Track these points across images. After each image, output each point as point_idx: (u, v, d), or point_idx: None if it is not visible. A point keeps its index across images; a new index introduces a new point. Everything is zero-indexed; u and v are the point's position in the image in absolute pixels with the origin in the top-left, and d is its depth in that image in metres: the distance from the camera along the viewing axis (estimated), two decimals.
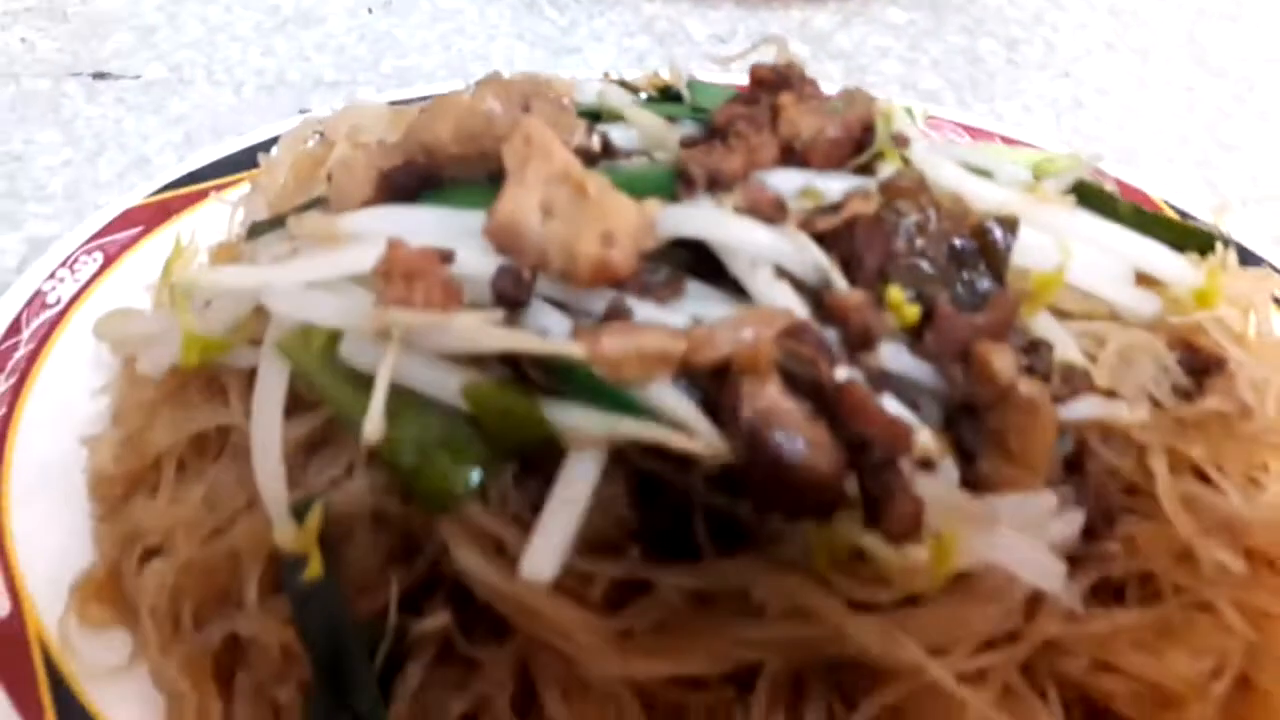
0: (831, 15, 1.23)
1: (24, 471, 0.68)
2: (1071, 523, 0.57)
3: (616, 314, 0.54)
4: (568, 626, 0.52)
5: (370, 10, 1.22)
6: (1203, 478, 0.63)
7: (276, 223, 0.69)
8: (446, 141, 0.62)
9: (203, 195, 0.85)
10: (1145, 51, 1.22)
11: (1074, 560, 0.58)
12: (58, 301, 0.77)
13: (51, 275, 0.79)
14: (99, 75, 1.11)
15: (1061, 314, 0.67)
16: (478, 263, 0.56)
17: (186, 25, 1.19)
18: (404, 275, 0.54)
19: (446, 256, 0.56)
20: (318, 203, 0.70)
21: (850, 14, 1.24)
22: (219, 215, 0.81)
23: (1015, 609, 0.55)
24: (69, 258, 0.80)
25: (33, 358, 0.74)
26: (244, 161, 0.86)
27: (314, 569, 0.51)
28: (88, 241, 0.81)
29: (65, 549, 0.65)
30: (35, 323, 0.76)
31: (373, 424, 0.51)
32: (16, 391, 0.72)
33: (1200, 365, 0.69)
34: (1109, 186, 0.80)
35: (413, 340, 0.53)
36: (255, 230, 0.70)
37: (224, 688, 0.57)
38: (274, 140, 0.84)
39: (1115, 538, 0.59)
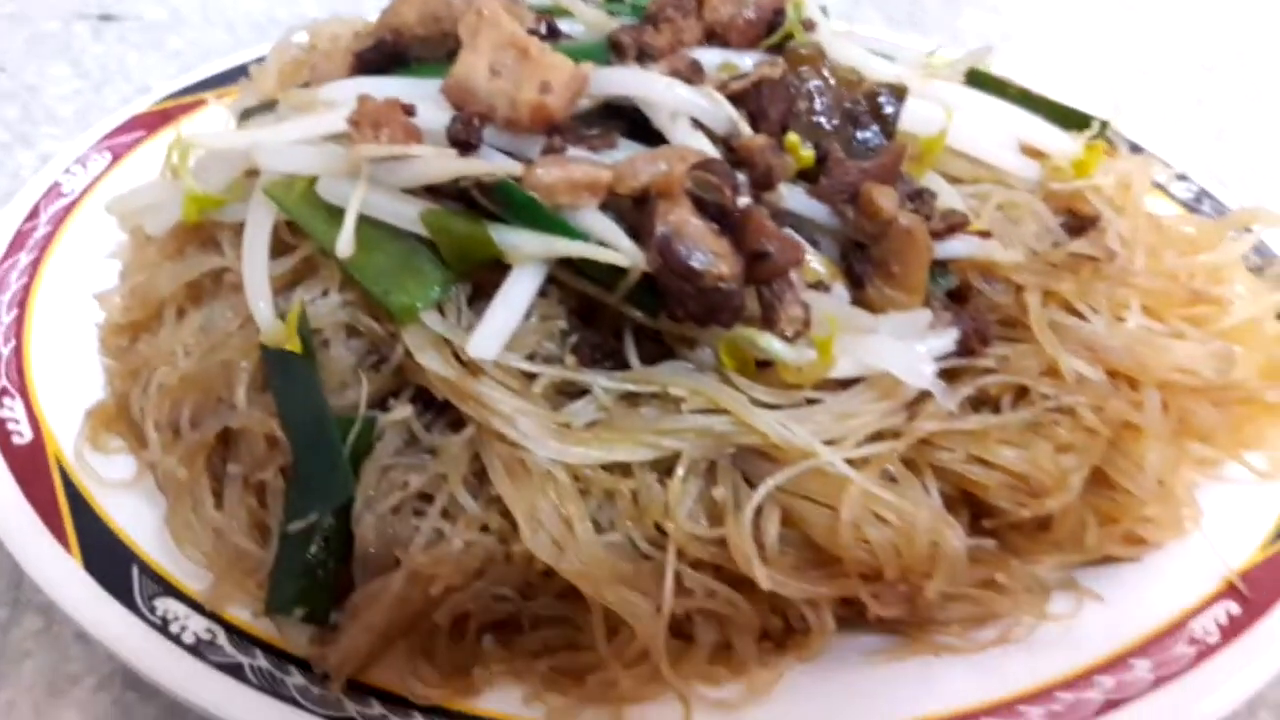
0: None
1: (44, 327, 0.76)
2: (947, 337, 0.66)
3: (553, 150, 0.63)
4: (513, 413, 0.61)
5: None
6: (1076, 314, 0.72)
7: (265, 108, 0.78)
8: (412, 23, 0.71)
9: (201, 103, 0.93)
10: None
11: (954, 373, 0.67)
12: (71, 191, 0.86)
13: (66, 170, 0.87)
14: (104, 17, 1.20)
15: (952, 179, 0.76)
16: (435, 116, 0.65)
17: None
18: (372, 123, 0.63)
19: (409, 109, 0.65)
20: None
21: None
22: (217, 118, 0.90)
23: (899, 408, 0.64)
24: (81, 156, 0.89)
25: (50, 237, 0.82)
26: (238, 75, 0.95)
27: (293, 346, 0.60)
28: (98, 142, 0.90)
29: (81, 388, 0.73)
30: (52, 208, 0.84)
31: (344, 242, 0.61)
32: (36, 264, 0.80)
33: (1078, 225, 0.78)
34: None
35: (378, 176, 0.62)
36: (246, 114, 0.79)
37: (216, 479, 0.65)
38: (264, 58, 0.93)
39: (990, 357, 0.68)
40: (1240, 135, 1.14)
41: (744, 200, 0.62)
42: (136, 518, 0.66)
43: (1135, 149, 0.91)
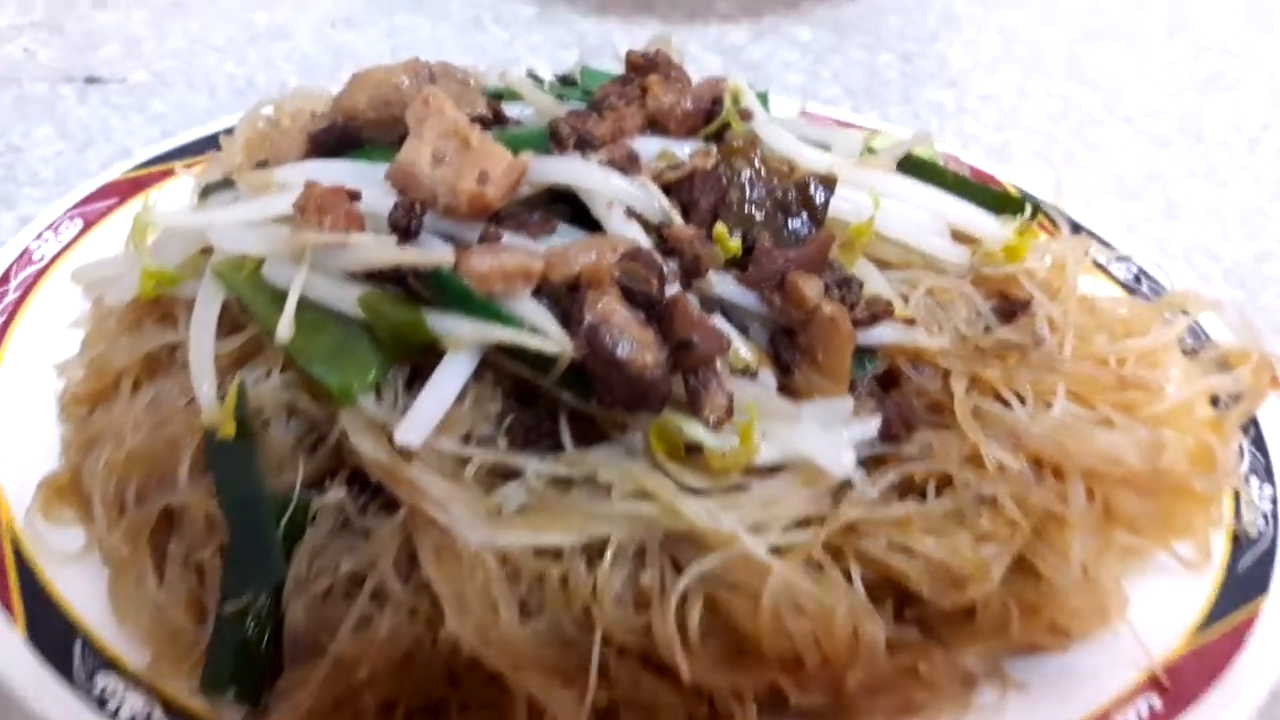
0: (745, 31, 1.34)
1: (7, 394, 0.77)
2: (871, 425, 0.67)
3: (489, 238, 0.64)
4: (444, 499, 0.61)
5: (333, 25, 1.33)
6: (1003, 402, 0.73)
7: (225, 185, 0.79)
8: (364, 107, 0.73)
9: (171, 172, 0.95)
10: (1028, 65, 1.33)
11: (877, 460, 0.68)
12: (42, 258, 0.86)
13: (38, 237, 0.88)
14: (90, 80, 1.21)
15: (882, 264, 0.77)
16: (380, 201, 0.66)
17: (170, 37, 1.30)
18: (317, 209, 0.64)
19: (354, 195, 0.66)
20: (261, 166, 0.80)
21: (762, 30, 1.35)
22: (185, 188, 0.91)
23: (823, 495, 0.65)
24: (54, 223, 0.89)
25: (18, 303, 0.83)
26: (209, 145, 0.96)
27: (228, 430, 0.61)
28: (70, 209, 0.91)
29: (38, 458, 0.73)
30: (22, 275, 0.85)
31: (283, 327, 0.61)
32: (3, 330, 0.81)
33: (1009, 309, 0.79)
34: (959, 170, 0.91)
35: (321, 261, 0.63)
36: (206, 190, 0.80)
37: (159, 556, 0.66)
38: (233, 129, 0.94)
39: (914, 442, 0.68)
40: (1191, 212, 1.15)
41: (672, 289, 0.63)
42: (83, 591, 0.66)
43: (1076, 228, 0.91)
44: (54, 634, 0.63)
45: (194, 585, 0.64)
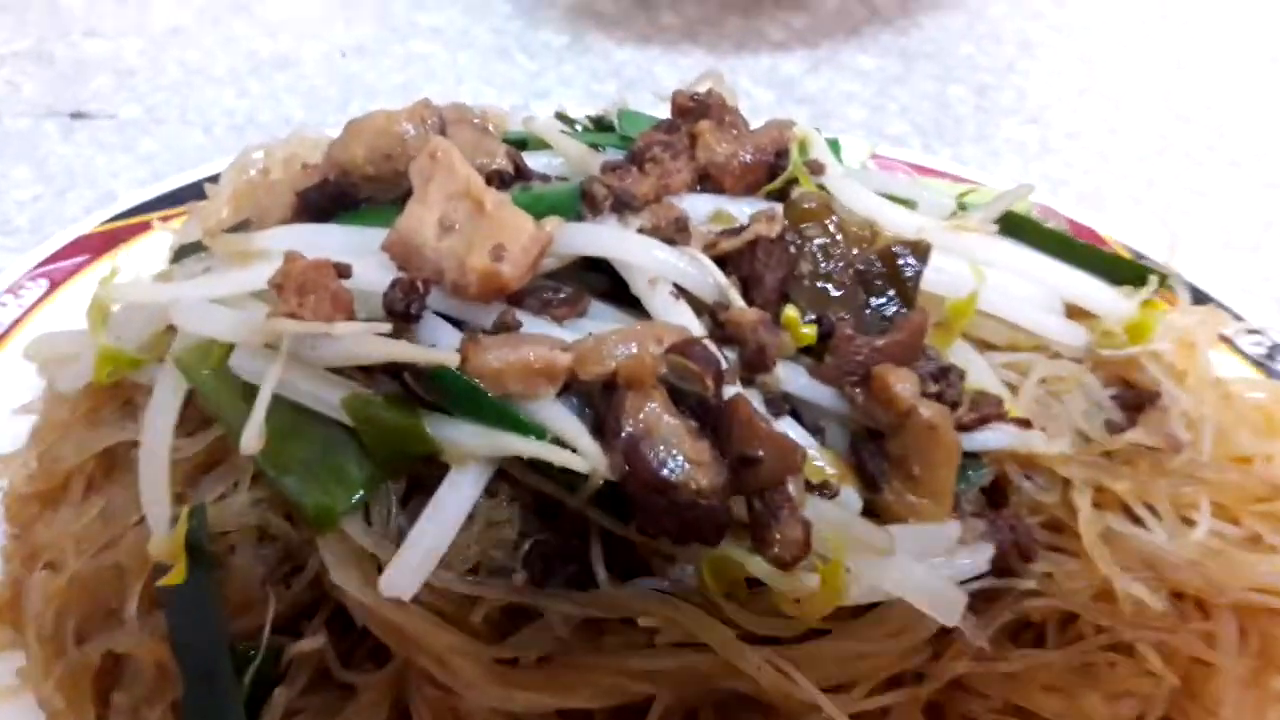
0: (801, 61, 1.24)
1: None
2: (980, 555, 0.55)
3: (505, 326, 0.53)
4: (444, 652, 0.50)
5: (343, 55, 1.24)
6: (1134, 517, 0.61)
7: (201, 246, 0.70)
8: (361, 161, 0.63)
9: (148, 225, 0.86)
10: (1117, 98, 1.22)
11: (988, 597, 0.56)
12: (0, 325, 0.78)
13: None
14: (76, 115, 1.14)
15: (986, 346, 0.66)
16: (374, 277, 0.55)
17: (166, 68, 1.22)
18: (297, 288, 0.54)
19: (343, 271, 0.55)
20: (244, 225, 0.70)
21: (820, 60, 1.25)
22: (163, 246, 0.82)
23: (921, 646, 0.53)
24: (14, 284, 0.81)
25: None
26: (194, 194, 0.87)
27: (177, 575, 0.50)
28: (35, 268, 0.82)
29: None
30: None
31: (251, 434, 0.51)
32: None
33: (1134, 401, 0.67)
34: (1058, 224, 0.79)
35: (299, 352, 0.53)
36: (181, 253, 0.70)
37: (103, 707, 0.55)
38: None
39: (1032, 575, 0.57)
40: None
41: (731, 389, 0.52)
42: None
43: (1200, 297, 0.80)
44: None
45: None
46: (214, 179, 0.86)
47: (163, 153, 1.08)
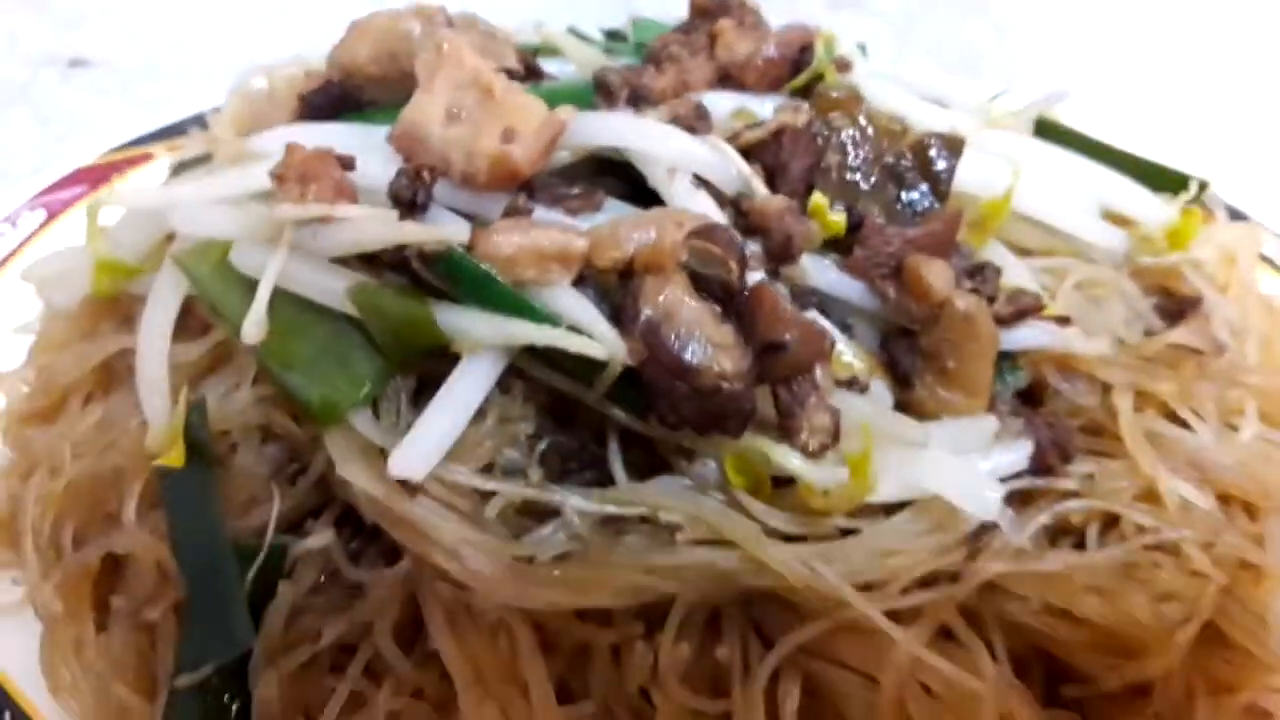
0: (819, 3, 1.22)
1: None
2: (1018, 452, 0.54)
3: (517, 212, 0.52)
4: (458, 546, 0.49)
5: None
6: (1178, 421, 0.60)
7: (200, 161, 0.69)
8: (364, 62, 0.62)
9: (149, 156, 0.85)
10: (1147, 30, 1.18)
11: (1025, 497, 0.55)
12: None
13: None
14: (75, 62, 1.13)
15: (1021, 251, 0.64)
16: (379, 170, 0.54)
17: (168, 18, 1.21)
18: (299, 177, 0.52)
19: (346, 162, 0.54)
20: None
21: (840, 3, 1.23)
22: (163, 174, 0.81)
23: (956, 545, 0.52)
24: (12, 214, 0.80)
25: None
26: (195, 124, 0.86)
27: (176, 460, 0.49)
28: (34, 198, 0.82)
29: None
30: None
31: (252, 324, 0.50)
32: None
33: (1175, 309, 0.66)
34: None
35: (303, 243, 0.52)
36: (179, 169, 0.70)
37: (102, 613, 0.54)
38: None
39: (1072, 475, 0.55)
40: None
41: (755, 276, 0.51)
42: (16, 650, 0.55)
43: (1235, 215, 0.78)
44: None
45: (143, 650, 0.53)
46: (217, 110, 0.86)
47: (164, 100, 1.07)
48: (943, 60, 1.14)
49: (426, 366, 0.52)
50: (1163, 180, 0.69)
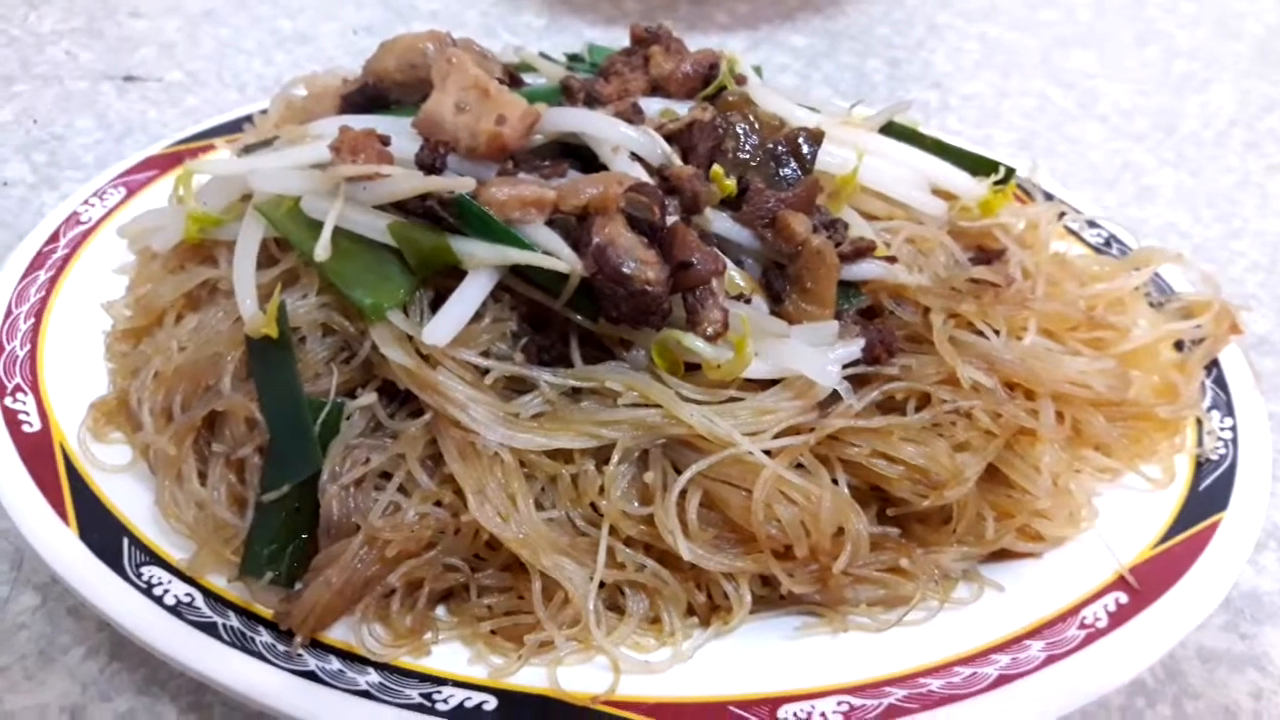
0: (742, 40, 1.44)
1: (58, 335, 0.83)
2: (854, 346, 0.73)
3: (506, 174, 0.71)
4: (466, 402, 0.67)
5: (355, 32, 1.43)
6: (977, 333, 0.79)
7: (264, 144, 0.87)
8: (392, 70, 0.81)
9: (210, 147, 1.03)
10: (1007, 69, 1.42)
11: (862, 380, 0.74)
12: (89, 220, 0.94)
13: (85, 202, 0.95)
14: (129, 78, 1.30)
15: (867, 215, 0.84)
16: (408, 148, 0.73)
17: (202, 42, 1.39)
18: (351, 149, 0.71)
19: (384, 140, 0.73)
20: None
21: (759, 39, 1.45)
22: (223, 157, 0.99)
23: (812, 407, 0.71)
24: (99, 190, 0.97)
25: (67, 258, 0.90)
26: (244, 124, 1.04)
27: (270, 330, 0.67)
28: (115, 179, 0.98)
29: (88, 387, 0.79)
30: (70, 234, 0.92)
31: (321, 247, 0.68)
32: (53, 281, 0.88)
33: (985, 259, 0.86)
34: None
35: (354, 194, 0.70)
36: (246, 149, 0.88)
37: (203, 461, 0.72)
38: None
39: (895, 365, 0.74)
40: (1163, 197, 1.22)
41: (672, 219, 0.71)
42: (130, 496, 0.72)
43: (1049, 198, 0.99)
44: (105, 534, 0.69)
45: (235, 482, 0.70)
46: (263, 113, 1.04)
47: (204, 107, 1.25)
48: (841, 88, 1.35)
49: (441, 283, 0.71)
50: (981, 167, 0.89)
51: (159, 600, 0.66)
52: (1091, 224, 1.00)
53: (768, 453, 0.68)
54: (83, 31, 1.40)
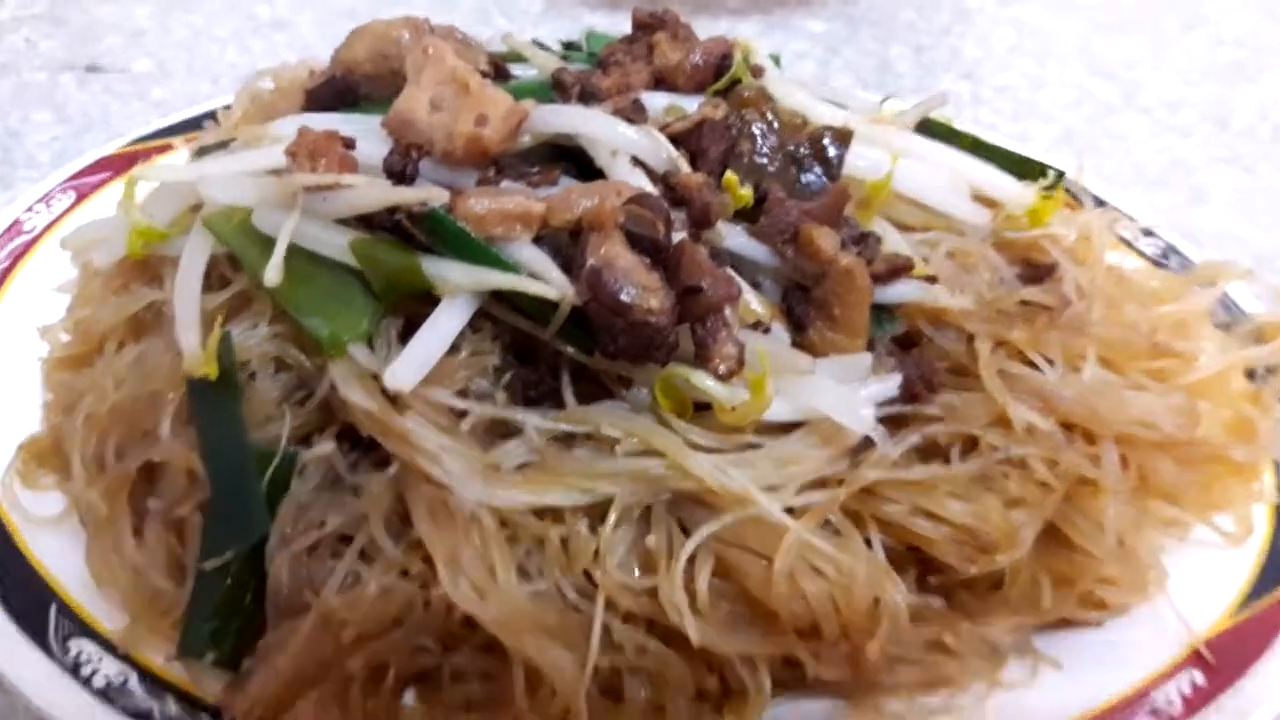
0: (755, 24, 1.33)
1: None
2: (890, 383, 0.63)
3: (487, 183, 0.61)
4: (438, 452, 0.58)
5: (337, 17, 1.32)
6: (1030, 364, 0.69)
7: (220, 145, 0.77)
8: (361, 60, 0.71)
9: (168, 147, 0.93)
10: (1042, 57, 1.31)
11: (899, 421, 0.64)
12: (33, 229, 0.84)
13: (29, 209, 0.86)
14: (91, 68, 1.21)
15: (900, 226, 0.74)
16: (376, 151, 0.63)
17: (173, 29, 1.29)
18: (309, 154, 0.61)
19: (348, 142, 0.63)
20: None
21: (773, 24, 1.34)
22: (182, 160, 0.89)
23: (841, 456, 0.61)
24: (46, 195, 0.87)
25: (6, 272, 0.81)
26: (208, 120, 0.94)
27: (210, 371, 0.57)
28: (64, 182, 0.89)
29: (22, 422, 0.70)
30: (11, 245, 0.83)
31: (272, 270, 0.58)
32: None
33: (1034, 275, 0.76)
34: None
35: (312, 206, 0.60)
36: (201, 152, 0.78)
37: (138, 517, 0.62)
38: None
39: (936, 404, 0.65)
40: (1217, 199, 1.12)
41: (679, 236, 0.60)
42: (60, 554, 0.63)
43: (1099, 203, 0.89)
44: (29, 599, 0.60)
45: (174, 545, 0.61)
46: (228, 108, 0.94)
47: (173, 100, 1.16)
48: (863, 76, 1.25)
49: (412, 309, 0.61)
50: (1027, 169, 0.79)
51: (87, 681, 0.57)
52: (1147, 233, 0.90)
53: (790, 511, 0.58)
54: (44, 18, 1.30)
